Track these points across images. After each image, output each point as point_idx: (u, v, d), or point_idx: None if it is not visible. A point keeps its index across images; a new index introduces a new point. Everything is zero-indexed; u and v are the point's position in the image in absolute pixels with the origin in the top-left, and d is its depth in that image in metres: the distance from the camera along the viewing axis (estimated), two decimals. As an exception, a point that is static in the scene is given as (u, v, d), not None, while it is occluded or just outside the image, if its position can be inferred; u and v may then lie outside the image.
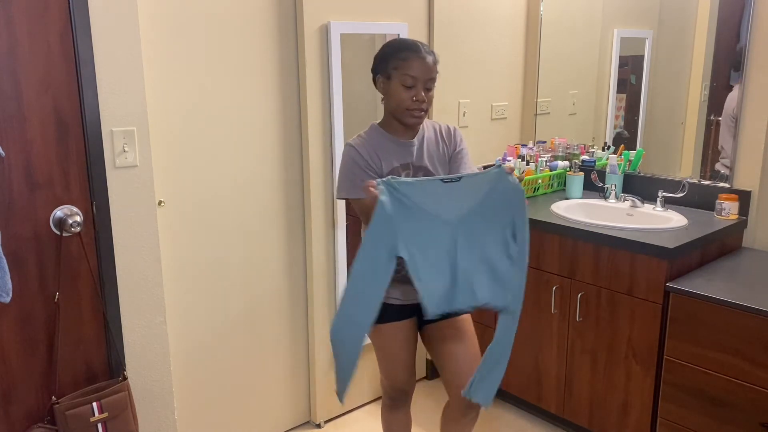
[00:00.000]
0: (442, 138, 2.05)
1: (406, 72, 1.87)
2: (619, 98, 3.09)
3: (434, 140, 2.04)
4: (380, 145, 1.97)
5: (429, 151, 2.02)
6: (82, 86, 1.95)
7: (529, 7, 3.25)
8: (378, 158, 1.95)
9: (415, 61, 1.87)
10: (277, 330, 2.69)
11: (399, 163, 1.97)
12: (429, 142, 2.02)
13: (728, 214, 2.57)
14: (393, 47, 1.92)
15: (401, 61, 1.87)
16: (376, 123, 2.02)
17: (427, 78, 1.89)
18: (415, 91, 1.88)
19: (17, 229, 1.92)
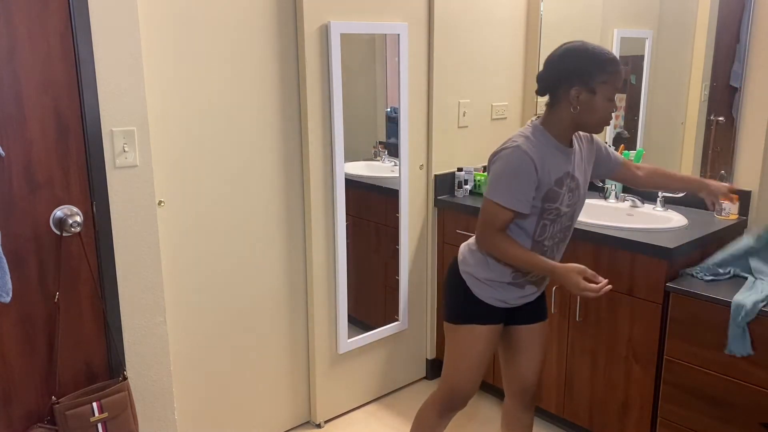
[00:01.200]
0: (584, 143, 2.00)
1: (615, 85, 1.82)
2: (619, 98, 3.09)
3: (581, 147, 1.99)
4: (547, 151, 1.86)
5: (580, 158, 1.97)
6: (82, 86, 1.95)
7: (529, 7, 3.25)
8: (544, 167, 1.84)
9: (620, 73, 1.83)
10: (277, 330, 2.69)
11: (563, 172, 1.88)
12: (580, 149, 1.98)
13: (728, 214, 2.57)
14: (598, 60, 1.81)
15: (610, 75, 1.81)
16: (538, 123, 1.91)
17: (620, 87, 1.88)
18: (614, 102, 1.85)
19: (17, 229, 1.92)
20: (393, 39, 2.76)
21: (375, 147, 2.98)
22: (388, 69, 2.86)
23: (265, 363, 2.68)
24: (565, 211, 1.93)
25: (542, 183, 1.84)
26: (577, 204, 1.98)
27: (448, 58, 2.95)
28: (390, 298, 3.06)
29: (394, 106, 2.84)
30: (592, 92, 1.81)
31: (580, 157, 1.96)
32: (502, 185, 1.84)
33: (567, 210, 1.94)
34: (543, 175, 1.84)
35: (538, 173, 1.83)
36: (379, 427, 2.84)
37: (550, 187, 1.86)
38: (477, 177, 3.04)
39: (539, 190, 1.85)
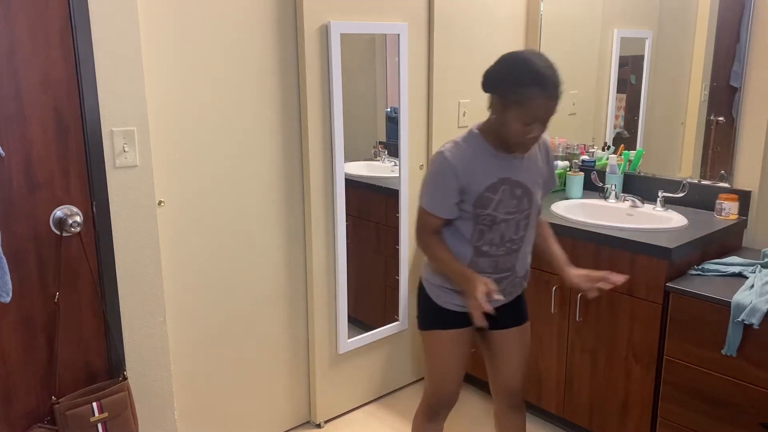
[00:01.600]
0: (542, 150, 1.94)
1: (527, 112, 1.70)
2: (619, 98, 3.09)
3: (536, 156, 1.90)
4: (477, 157, 1.83)
5: (530, 164, 1.89)
6: (82, 86, 1.95)
7: (529, 7, 3.25)
8: (470, 174, 1.83)
9: (541, 102, 1.69)
10: (277, 330, 2.69)
11: (497, 178, 1.84)
12: (530, 157, 1.89)
13: (728, 214, 2.57)
14: (522, 78, 1.70)
15: (525, 99, 1.69)
16: (476, 129, 1.88)
17: (547, 117, 1.74)
18: (532, 129, 1.73)
19: (17, 229, 1.92)
20: (393, 39, 2.76)
21: (375, 147, 2.98)
22: (388, 69, 2.86)
23: (265, 363, 2.68)
24: (503, 218, 1.88)
25: (469, 189, 1.83)
26: (523, 212, 1.91)
27: (448, 58, 2.95)
28: (390, 298, 3.06)
29: (394, 106, 2.84)
30: (505, 107, 1.74)
31: (532, 164, 1.89)
32: (426, 190, 1.89)
33: (507, 217, 1.89)
34: (468, 182, 1.83)
35: (460, 179, 1.82)
36: (379, 427, 2.84)
37: (480, 193, 1.84)
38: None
39: (467, 194, 1.84)
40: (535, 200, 1.94)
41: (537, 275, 2.66)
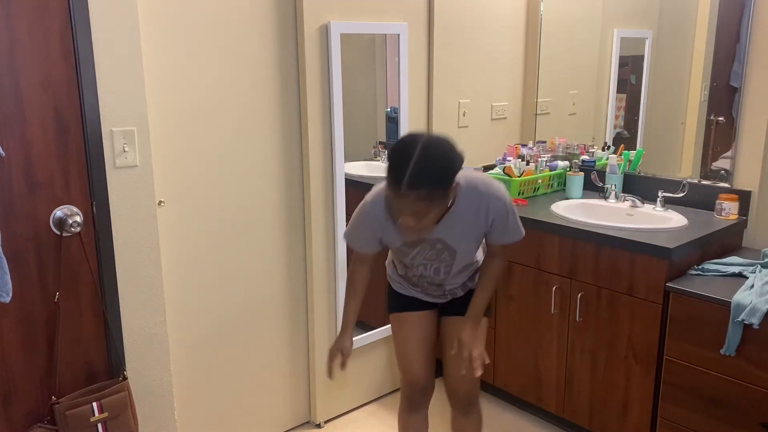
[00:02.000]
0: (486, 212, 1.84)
1: (390, 203, 1.70)
2: (619, 98, 3.09)
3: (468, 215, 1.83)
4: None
5: (455, 221, 1.84)
6: (82, 86, 1.95)
7: (529, 7, 3.25)
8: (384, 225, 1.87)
9: (394, 195, 1.64)
10: (277, 330, 2.69)
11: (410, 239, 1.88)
12: (459, 218, 1.83)
13: (728, 214, 2.57)
14: (388, 163, 1.66)
15: (387, 182, 1.65)
16: None
17: (410, 212, 1.64)
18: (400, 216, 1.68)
19: (17, 229, 1.92)
20: (393, 39, 2.76)
21: (375, 147, 2.98)
22: (388, 69, 2.86)
23: (265, 363, 2.68)
24: (422, 263, 1.96)
25: (387, 239, 1.93)
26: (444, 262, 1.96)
27: (448, 58, 2.95)
28: (390, 298, 3.06)
29: (394, 106, 2.84)
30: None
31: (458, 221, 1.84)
32: (350, 224, 1.96)
33: (426, 263, 1.96)
34: (386, 234, 1.91)
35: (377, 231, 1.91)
36: (379, 427, 2.84)
37: (398, 246, 1.94)
38: (477, 177, 3.04)
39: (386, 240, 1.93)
40: (459, 254, 1.93)
41: (537, 275, 2.67)
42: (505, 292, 2.80)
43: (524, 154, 3.09)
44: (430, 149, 1.61)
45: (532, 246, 2.67)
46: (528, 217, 2.66)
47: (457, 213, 1.83)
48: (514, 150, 3.18)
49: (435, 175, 1.61)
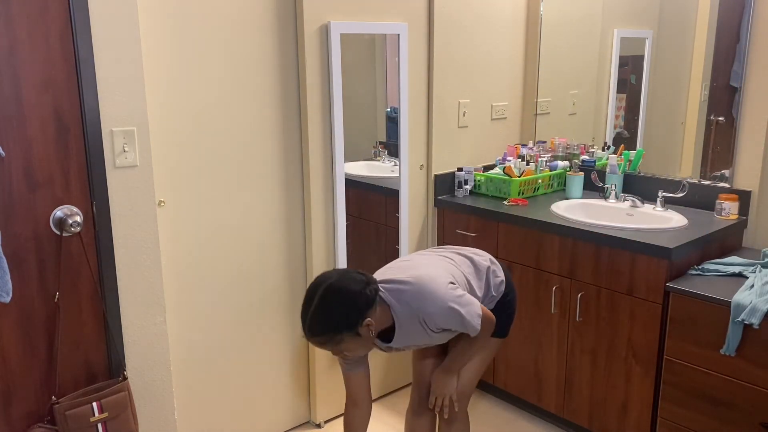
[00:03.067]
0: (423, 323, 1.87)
1: None
2: (619, 98, 3.09)
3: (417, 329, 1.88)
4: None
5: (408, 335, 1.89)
6: (82, 86, 1.95)
7: (529, 7, 3.25)
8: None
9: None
10: (277, 330, 2.69)
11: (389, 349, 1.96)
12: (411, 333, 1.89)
13: (728, 214, 2.57)
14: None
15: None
16: None
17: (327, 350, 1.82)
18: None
19: (17, 229, 1.92)
20: (393, 39, 2.76)
21: (375, 147, 2.98)
22: (388, 69, 2.86)
23: (265, 363, 2.68)
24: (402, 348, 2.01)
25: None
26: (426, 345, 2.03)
27: (448, 58, 2.95)
28: (390, 298, 3.06)
29: (394, 106, 2.84)
30: None
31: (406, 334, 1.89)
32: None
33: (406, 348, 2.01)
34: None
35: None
36: (379, 427, 2.84)
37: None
38: (477, 177, 3.04)
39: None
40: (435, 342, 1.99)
41: (537, 275, 2.67)
42: (505, 292, 2.80)
43: (524, 154, 3.09)
44: (328, 297, 1.74)
45: (532, 246, 2.67)
46: (528, 217, 2.66)
47: (403, 329, 1.87)
48: (514, 150, 3.18)
49: (331, 322, 1.73)
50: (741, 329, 2.05)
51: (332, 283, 1.76)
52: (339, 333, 1.73)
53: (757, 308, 2.00)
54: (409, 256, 2.09)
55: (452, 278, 1.90)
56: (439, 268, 1.92)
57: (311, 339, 1.77)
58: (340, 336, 1.74)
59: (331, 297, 1.74)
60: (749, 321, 2.00)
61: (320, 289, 1.75)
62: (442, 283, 1.85)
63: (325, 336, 1.75)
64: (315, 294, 1.75)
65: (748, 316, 2.00)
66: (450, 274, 1.91)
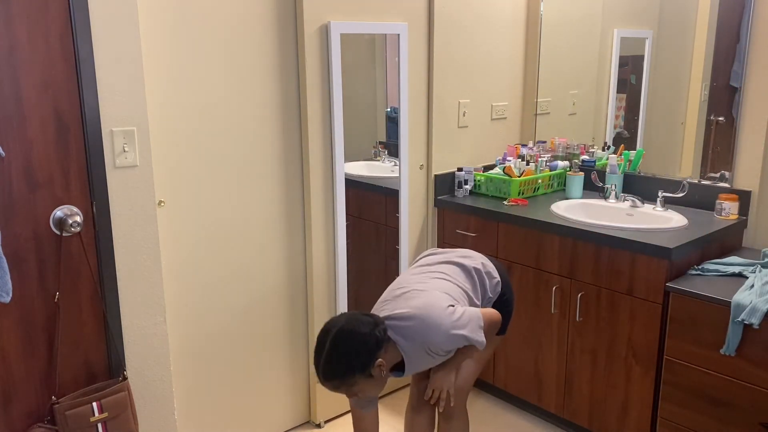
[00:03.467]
0: (430, 350, 1.93)
1: None
2: (619, 98, 3.09)
3: (424, 358, 1.96)
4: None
5: (416, 364, 1.97)
6: (82, 86, 1.95)
7: (529, 7, 3.25)
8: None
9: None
10: (277, 330, 2.69)
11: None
12: (413, 359, 1.94)
13: (728, 214, 2.57)
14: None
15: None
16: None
17: (341, 393, 1.86)
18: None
19: (17, 229, 1.92)
20: (393, 39, 2.76)
21: (375, 147, 2.98)
22: (388, 69, 2.86)
23: (265, 363, 2.68)
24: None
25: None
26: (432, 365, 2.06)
27: (448, 58, 2.95)
28: (390, 298, 3.06)
29: (394, 106, 2.84)
30: None
31: (415, 363, 1.96)
32: None
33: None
34: None
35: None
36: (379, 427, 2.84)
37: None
38: (477, 177, 3.04)
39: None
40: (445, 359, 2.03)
41: (537, 275, 2.67)
42: (505, 292, 2.81)
43: (524, 154, 3.09)
44: (338, 342, 1.80)
45: (532, 246, 2.67)
46: (528, 217, 2.66)
47: (413, 361, 1.94)
48: (514, 150, 3.18)
49: (344, 366, 1.80)
50: (741, 329, 2.05)
51: (342, 327, 1.82)
52: (352, 376, 1.80)
53: (757, 308, 2.00)
54: (401, 281, 2.10)
55: (450, 299, 1.94)
56: (435, 291, 1.96)
57: (325, 384, 1.83)
58: (353, 379, 1.80)
59: (342, 342, 1.80)
60: (749, 321, 2.00)
61: (330, 335, 1.80)
62: (441, 308, 1.89)
63: (338, 380, 1.81)
64: (326, 340, 1.81)
65: (748, 316, 2.00)
66: (446, 295, 1.95)
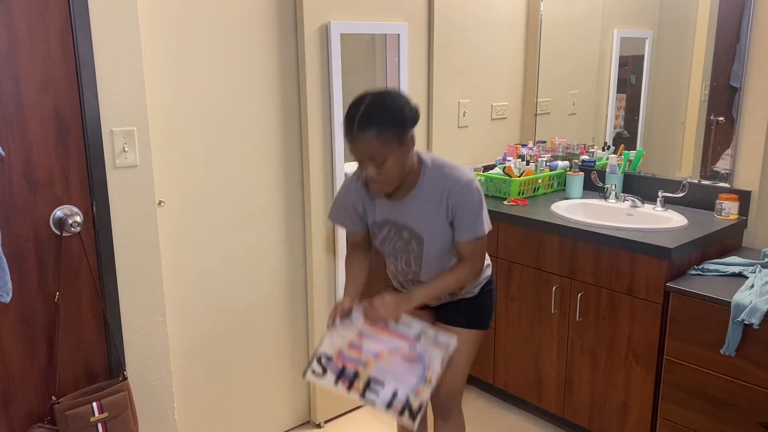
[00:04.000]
0: (447, 196, 1.84)
1: (349, 149, 1.75)
2: (619, 98, 3.09)
3: (433, 198, 1.85)
4: (371, 199, 1.94)
5: (420, 209, 1.86)
6: (82, 86, 1.95)
7: (529, 7, 3.25)
8: (363, 209, 1.96)
9: (349, 140, 1.73)
10: (278, 330, 2.69)
11: (381, 218, 1.93)
12: (423, 200, 1.86)
13: (728, 214, 2.57)
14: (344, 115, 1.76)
15: (346, 136, 1.75)
16: None
17: (367, 157, 1.71)
18: (363, 168, 1.75)
19: (17, 229, 1.92)
20: (393, 39, 2.76)
21: (375, 147, 2.97)
22: (388, 69, 2.86)
23: (265, 363, 2.68)
24: (392, 253, 1.99)
25: (366, 216, 1.97)
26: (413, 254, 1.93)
27: (448, 58, 2.95)
28: (390, 298, 3.06)
29: (394, 106, 2.83)
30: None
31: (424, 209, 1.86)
32: (334, 201, 2.05)
33: (396, 253, 1.98)
34: (363, 209, 1.96)
35: (357, 204, 1.96)
36: (379, 427, 2.84)
37: (370, 224, 1.97)
38: (477, 177, 3.04)
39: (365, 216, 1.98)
40: (427, 244, 1.90)
41: (537, 275, 2.67)
42: (505, 292, 2.80)
43: (524, 154, 3.09)
44: (380, 96, 1.74)
45: (532, 246, 2.67)
46: (528, 217, 2.66)
47: (421, 194, 1.86)
48: (514, 150, 3.18)
49: (384, 114, 1.70)
50: (741, 329, 2.05)
51: (382, 89, 1.78)
52: (389, 129, 1.69)
53: (757, 308, 2.00)
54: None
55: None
56: None
57: (360, 133, 1.68)
58: (389, 134, 1.69)
59: (382, 98, 1.73)
60: (749, 321, 2.00)
61: (369, 94, 1.74)
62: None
63: (376, 128, 1.68)
64: (364, 98, 1.72)
65: (748, 316, 2.00)
66: None
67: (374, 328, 1.87)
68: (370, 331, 1.87)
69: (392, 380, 1.82)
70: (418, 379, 1.82)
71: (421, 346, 1.85)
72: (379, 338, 1.85)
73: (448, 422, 2.15)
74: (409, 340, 1.86)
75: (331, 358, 1.85)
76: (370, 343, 1.85)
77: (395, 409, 1.80)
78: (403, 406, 1.80)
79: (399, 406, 1.80)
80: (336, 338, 1.87)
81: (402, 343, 1.85)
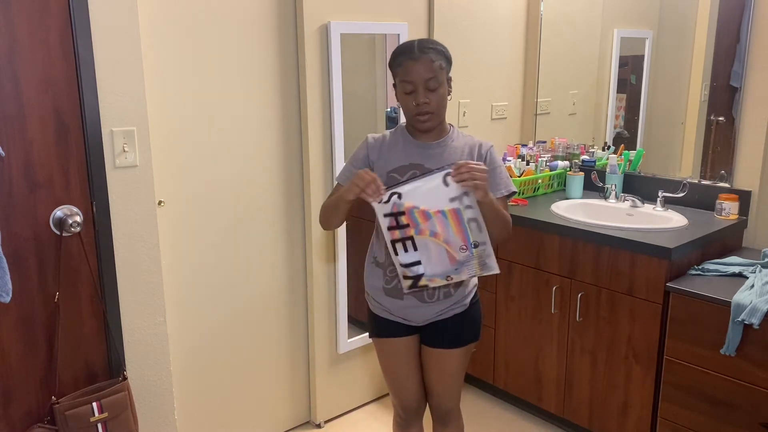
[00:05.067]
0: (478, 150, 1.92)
1: (404, 78, 1.82)
2: (619, 98, 3.09)
3: (463, 149, 1.92)
4: (394, 143, 1.93)
5: (451, 156, 1.91)
6: (82, 86, 1.95)
7: (529, 7, 3.25)
8: (382, 154, 1.92)
9: (409, 64, 1.81)
10: (277, 330, 2.69)
11: (407, 162, 1.90)
12: (453, 151, 1.91)
13: (728, 214, 2.57)
14: (393, 54, 1.87)
15: (398, 68, 1.84)
16: (403, 123, 1.98)
17: (426, 78, 1.80)
18: (415, 96, 1.82)
19: (17, 229, 1.92)
20: (393, 39, 2.76)
21: (375, 147, 2.97)
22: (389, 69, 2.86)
23: (265, 363, 2.68)
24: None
25: (377, 166, 1.93)
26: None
27: (448, 58, 2.94)
28: (390, 298, 3.05)
29: (394, 106, 2.83)
30: (395, 86, 1.90)
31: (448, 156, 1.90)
32: (347, 163, 2.01)
33: None
34: (378, 159, 1.94)
35: (371, 158, 1.95)
36: (379, 427, 2.84)
37: (387, 172, 1.92)
38: (477, 177, 3.04)
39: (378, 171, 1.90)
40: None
41: (537, 275, 2.67)
42: (505, 292, 2.80)
43: (524, 154, 3.09)
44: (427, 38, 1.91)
45: (532, 246, 2.67)
46: (528, 217, 2.66)
47: (452, 143, 1.94)
48: (514, 150, 3.18)
49: (440, 46, 1.86)
50: (741, 329, 2.05)
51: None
52: (443, 59, 1.84)
53: (757, 308, 2.00)
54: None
55: None
56: None
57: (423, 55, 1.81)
58: (443, 63, 1.84)
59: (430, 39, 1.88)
60: (749, 321, 2.00)
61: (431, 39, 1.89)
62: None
63: (434, 54, 1.82)
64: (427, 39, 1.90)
65: (748, 316, 2.00)
66: None
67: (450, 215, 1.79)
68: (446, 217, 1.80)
69: (425, 258, 1.81)
70: (443, 273, 1.82)
71: (468, 257, 1.81)
72: (447, 225, 1.79)
73: (448, 426, 2.15)
74: (468, 246, 1.82)
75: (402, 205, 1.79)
76: (438, 222, 1.80)
77: (404, 274, 1.81)
78: (414, 275, 1.81)
79: (410, 274, 1.81)
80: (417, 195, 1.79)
81: (460, 242, 1.80)
